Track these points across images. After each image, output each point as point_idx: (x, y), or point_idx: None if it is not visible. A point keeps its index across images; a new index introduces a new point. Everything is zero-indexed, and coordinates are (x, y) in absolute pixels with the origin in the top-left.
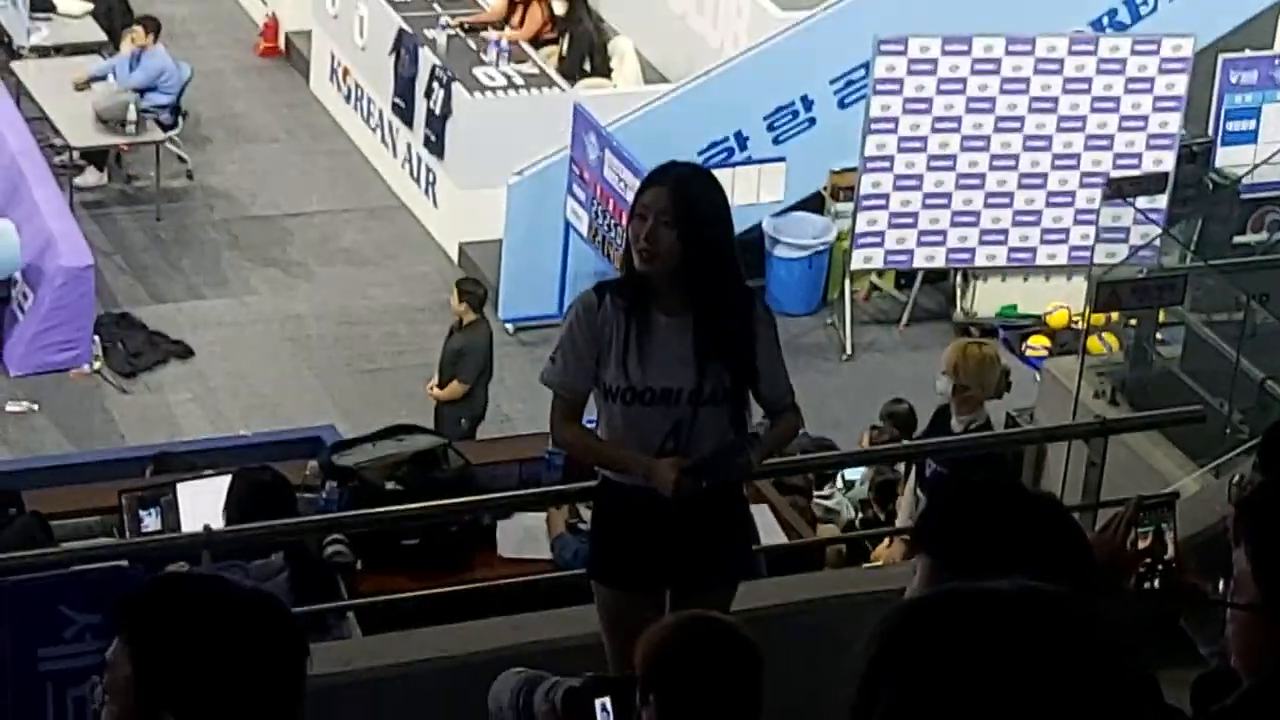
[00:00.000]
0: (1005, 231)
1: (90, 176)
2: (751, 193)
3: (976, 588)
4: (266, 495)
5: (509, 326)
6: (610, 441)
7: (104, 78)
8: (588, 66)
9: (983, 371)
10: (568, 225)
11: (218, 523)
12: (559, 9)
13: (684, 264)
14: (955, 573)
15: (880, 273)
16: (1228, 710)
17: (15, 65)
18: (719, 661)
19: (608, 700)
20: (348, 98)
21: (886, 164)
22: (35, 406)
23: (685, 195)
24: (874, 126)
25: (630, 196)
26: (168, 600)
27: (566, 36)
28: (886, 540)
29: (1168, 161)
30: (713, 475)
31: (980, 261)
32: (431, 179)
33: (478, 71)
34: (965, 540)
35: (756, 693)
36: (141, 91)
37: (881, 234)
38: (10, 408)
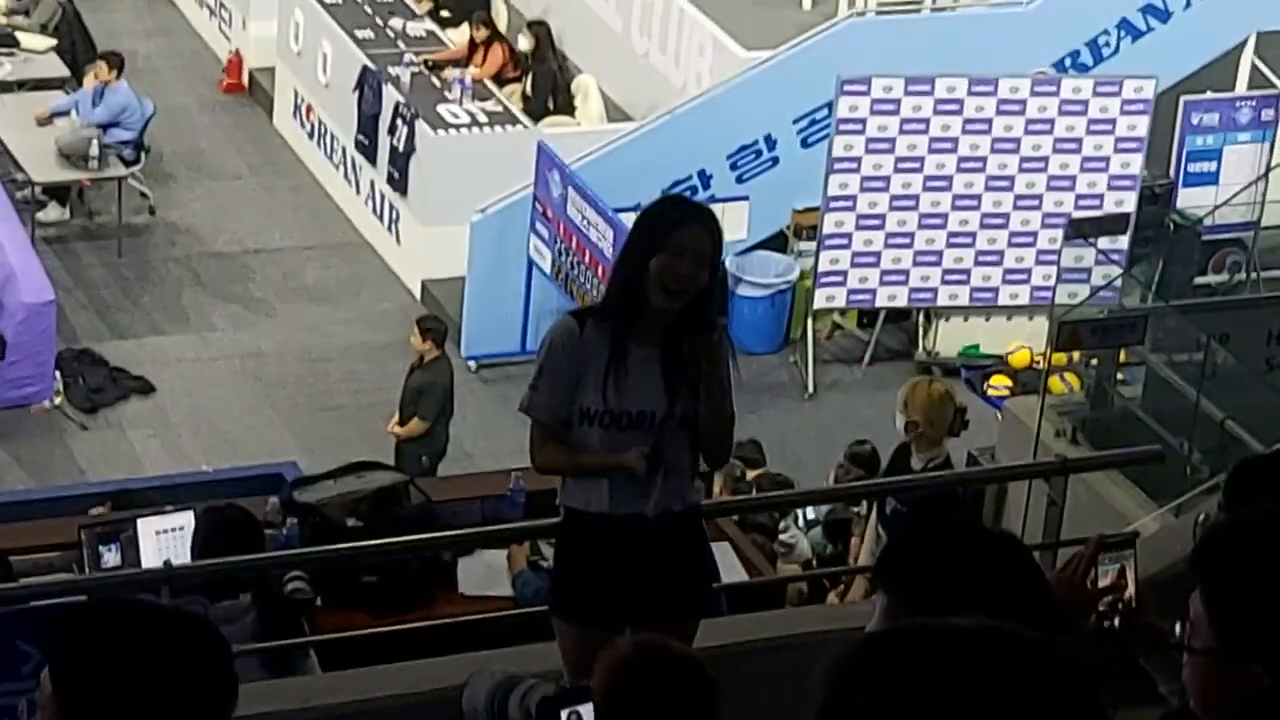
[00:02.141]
0: (967, 271)
1: (52, 212)
2: None
3: (934, 624)
4: (235, 533)
5: (471, 364)
6: (584, 450)
7: (67, 113)
8: (551, 105)
9: (933, 409)
10: (530, 263)
11: (178, 558)
12: (524, 46)
13: (696, 297)
14: (914, 611)
15: (843, 311)
16: None
17: None
18: (672, 688)
19: (580, 709)
20: (311, 134)
21: (849, 203)
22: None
23: (718, 234)
24: (837, 166)
25: (593, 235)
26: (85, 620)
27: (530, 75)
28: (840, 585)
29: (1129, 202)
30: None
31: (942, 301)
32: (395, 216)
33: (441, 109)
34: (924, 579)
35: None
36: (104, 127)
37: (844, 273)
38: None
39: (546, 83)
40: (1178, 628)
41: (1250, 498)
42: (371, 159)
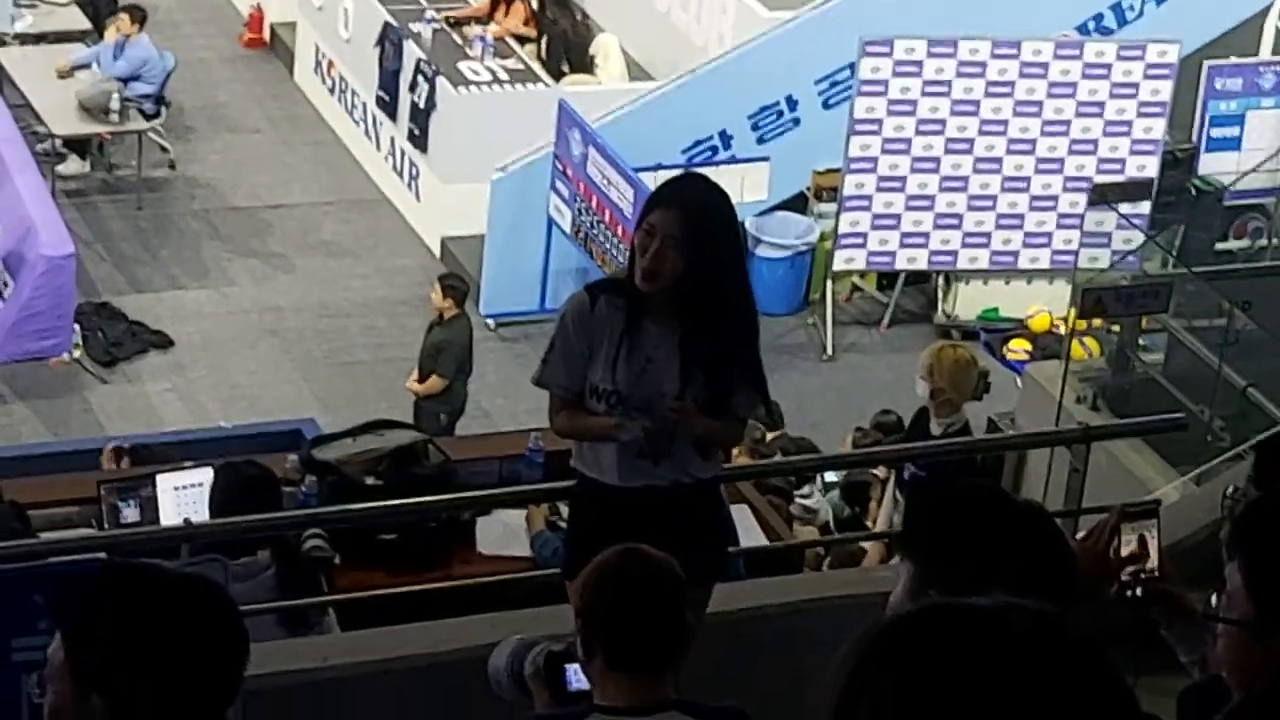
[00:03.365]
0: (988, 234)
1: (72, 165)
2: (735, 192)
3: (956, 604)
4: (253, 489)
5: (490, 322)
6: (595, 415)
7: (88, 66)
8: (566, 67)
9: (958, 374)
10: (550, 221)
11: (197, 515)
12: (538, 4)
13: (684, 284)
14: (940, 580)
15: (862, 274)
16: None
17: None
18: (646, 582)
19: (578, 666)
20: (332, 90)
21: (870, 165)
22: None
23: (698, 221)
24: (858, 127)
25: (613, 194)
26: (97, 585)
27: (544, 36)
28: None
29: (1151, 167)
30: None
31: (962, 264)
32: (414, 173)
33: (462, 66)
34: (951, 549)
35: (680, 615)
36: (125, 80)
37: (864, 235)
38: None
39: (560, 43)
40: (1212, 599)
41: None
42: (392, 115)
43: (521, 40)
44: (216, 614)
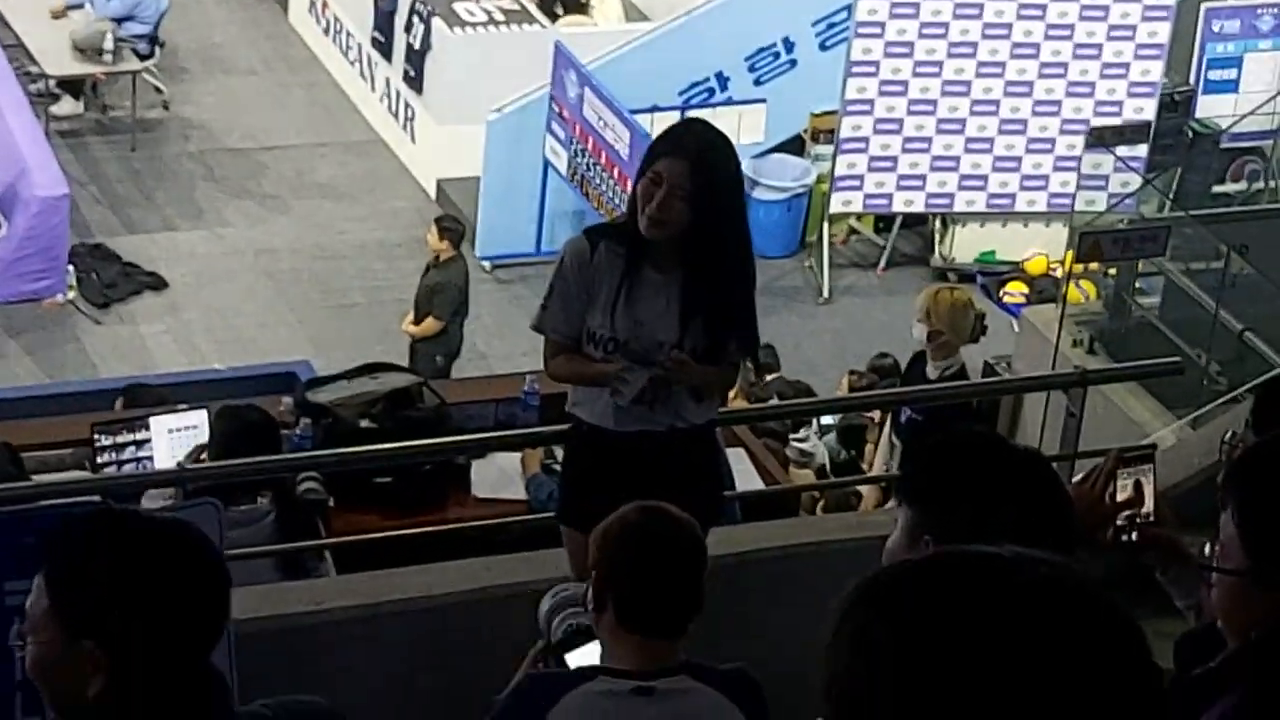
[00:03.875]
0: (985, 177)
1: (66, 105)
2: (732, 134)
3: (957, 552)
4: (254, 435)
5: (486, 264)
6: (592, 360)
7: (81, 6)
8: (560, 9)
9: (956, 317)
10: (546, 163)
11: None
12: None
13: (688, 233)
14: (937, 526)
15: (859, 216)
16: (1213, 673)
17: None
18: (668, 544)
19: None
20: (326, 31)
21: (867, 107)
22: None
23: (705, 171)
24: (855, 69)
25: (609, 136)
26: (82, 531)
27: None
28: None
29: (1149, 110)
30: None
31: (959, 207)
32: (410, 114)
33: (458, 6)
34: (948, 495)
35: (698, 580)
36: (119, 20)
37: (861, 178)
38: None
39: None
40: (1207, 548)
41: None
42: (387, 56)
43: None
44: (201, 558)
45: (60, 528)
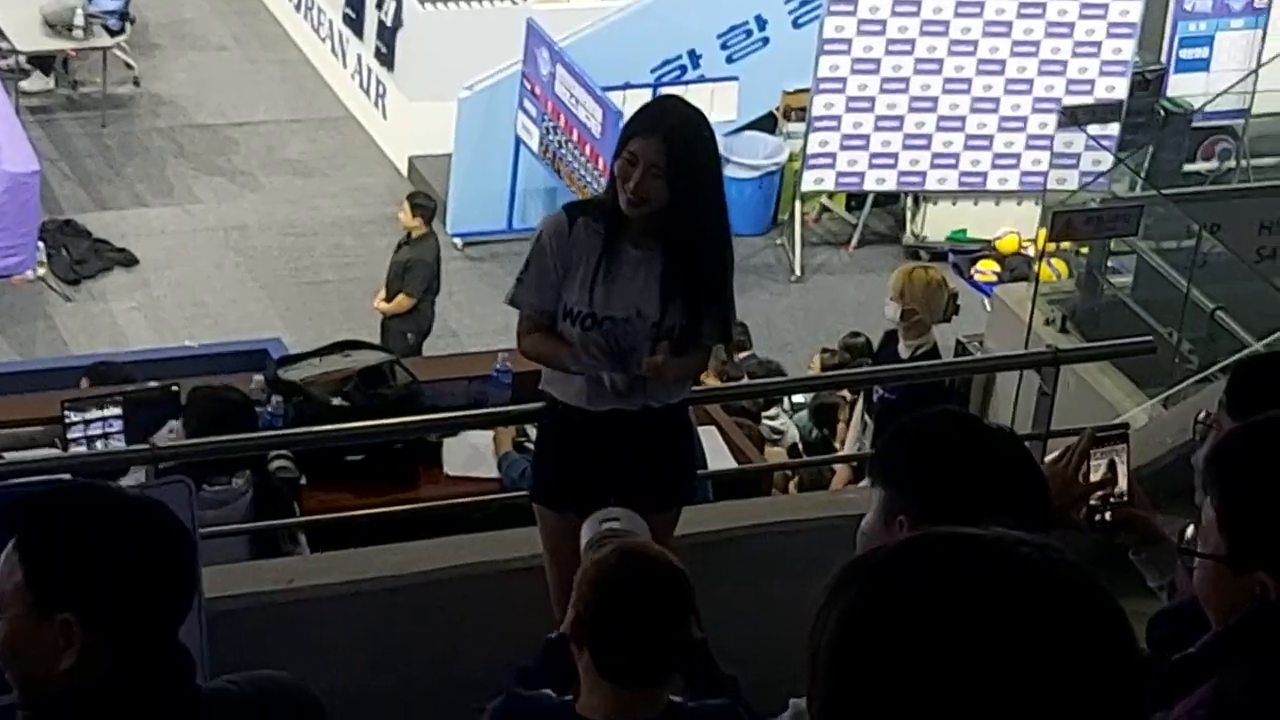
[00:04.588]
0: (956, 155)
1: (36, 81)
2: (704, 112)
3: (942, 534)
4: (230, 417)
5: (457, 241)
6: (564, 343)
7: None
8: None
9: (929, 295)
10: (518, 141)
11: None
12: None
13: (668, 208)
14: (910, 505)
15: (831, 194)
16: (1192, 658)
17: None
18: (652, 590)
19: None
20: (298, 6)
21: (839, 85)
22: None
23: (679, 148)
24: (827, 47)
25: (581, 113)
26: (54, 502)
27: None
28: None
29: (1120, 88)
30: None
31: (931, 185)
32: (381, 91)
33: None
34: (922, 475)
35: (681, 626)
36: None
37: (833, 155)
38: None
39: None
40: (1189, 530)
41: (1257, 403)
42: (359, 33)
43: None
44: (168, 526)
45: (31, 500)
